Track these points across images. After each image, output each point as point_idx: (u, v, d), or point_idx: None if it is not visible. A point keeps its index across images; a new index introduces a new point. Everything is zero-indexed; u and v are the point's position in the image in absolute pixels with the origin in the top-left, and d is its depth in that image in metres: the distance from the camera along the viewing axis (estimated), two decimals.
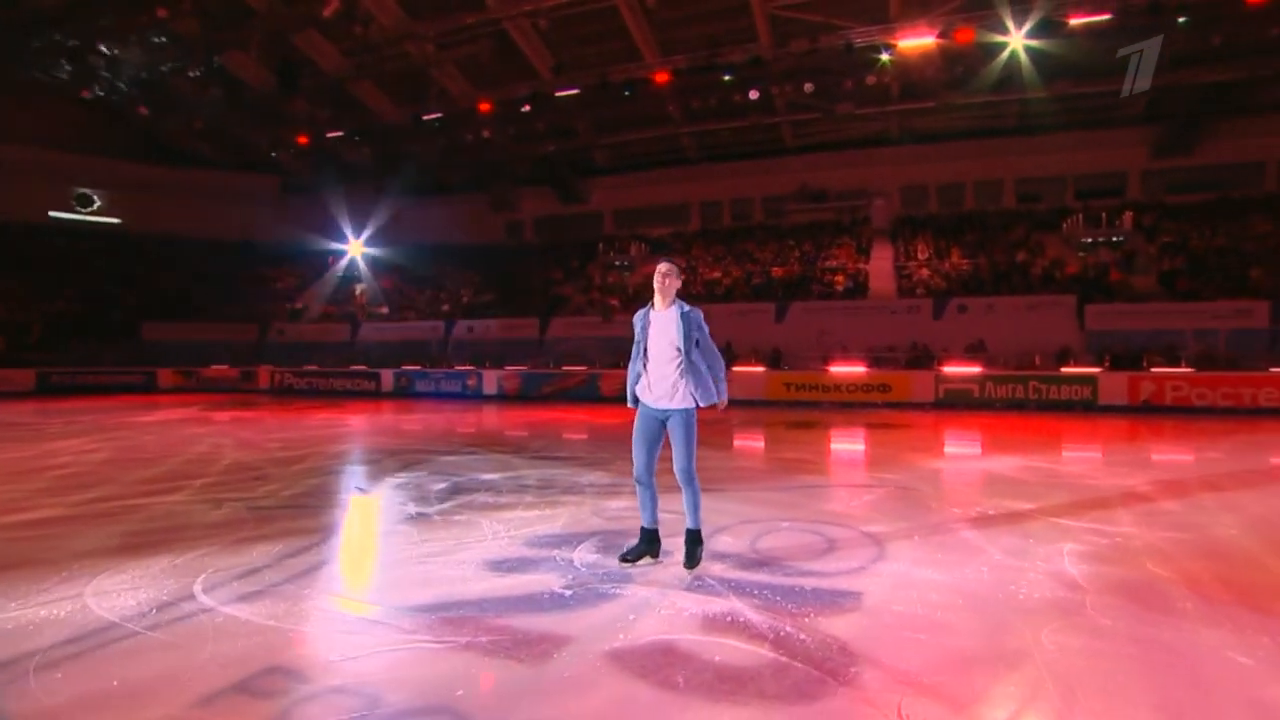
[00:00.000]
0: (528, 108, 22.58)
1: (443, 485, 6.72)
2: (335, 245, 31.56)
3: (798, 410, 15.93)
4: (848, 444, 11.03)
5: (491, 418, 14.93)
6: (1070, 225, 22.80)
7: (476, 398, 20.34)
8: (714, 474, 7.07)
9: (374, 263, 31.67)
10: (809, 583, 3.87)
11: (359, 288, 31.47)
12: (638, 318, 4.13)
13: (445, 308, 27.35)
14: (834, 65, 20.55)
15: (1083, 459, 9.19)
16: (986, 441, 10.63)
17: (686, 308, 4.06)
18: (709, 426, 10.58)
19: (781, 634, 3.15)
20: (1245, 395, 14.09)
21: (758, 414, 14.78)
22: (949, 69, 19.28)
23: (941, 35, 17.26)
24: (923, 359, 18.53)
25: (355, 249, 31.44)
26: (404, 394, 21.43)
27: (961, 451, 9.97)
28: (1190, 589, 3.76)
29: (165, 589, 3.79)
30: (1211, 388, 14.34)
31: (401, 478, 7.17)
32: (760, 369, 18.85)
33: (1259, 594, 3.70)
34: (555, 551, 4.47)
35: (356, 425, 13.13)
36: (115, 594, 3.72)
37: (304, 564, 4.32)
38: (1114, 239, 21.91)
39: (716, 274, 26.10)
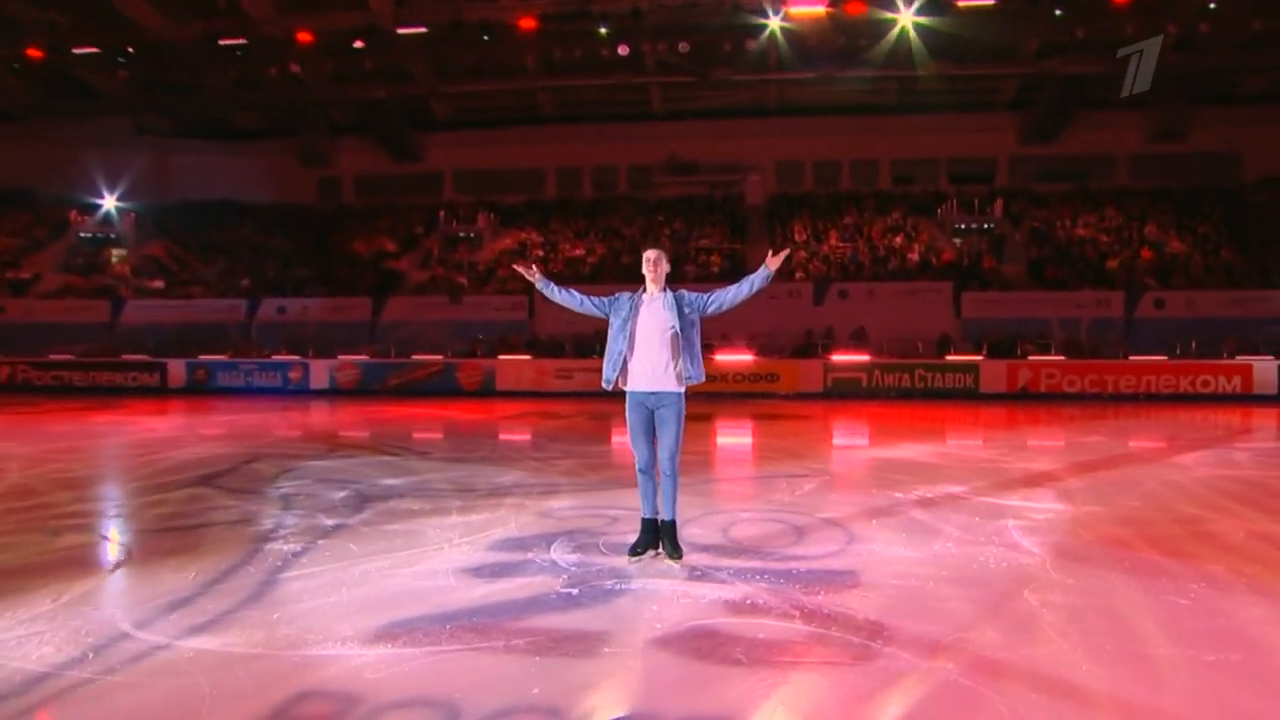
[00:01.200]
0: (360, 43, 21.68)
1: (344, 494, 6.73)
2: (79, 196, 28.19)
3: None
4: (761, 436, 12.11)
5: (340, 416, 14.47)
6: (945, 210, 25.92)
7: (302, 393, 19.37)
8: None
9: (139, 222, 28.71)
10: (801, 566, 4.58)
11: (117, 254, 28.41)
12: (623, 298, 4.77)
13: (245, 282, 25.52)
14: (713, 24, 21.75)
15: (986, 445, 10.93)
16: (891, 430, 12.16)
17: (676, 290, 4.78)
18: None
19: (805, 610, 3.80)
20: (1108, 382, 17.15)
21: None
22: (834, 40, 21.18)
23: (833, 4, 19.01)
24: (810, 347, 20.33)
25: (109, 203, 28.34)
26: (202, 389, 19.89)
27: (873, 440, 11.39)
28: (1123, 550, 4.94)
29: (82, 630, 3.56)
30: (1080, 375, 17.29)
31: (286, 487, 7.05)
32: None
33: (1176, 551, 4.94)
34: (529, 554, 4.83)
35: (167, 430, 12.24)
36: (13, 643, 3.45)
37: (241, 587, 4.29)
38: (985, 225, 25.26)
39: (580, 251, 26.63)
